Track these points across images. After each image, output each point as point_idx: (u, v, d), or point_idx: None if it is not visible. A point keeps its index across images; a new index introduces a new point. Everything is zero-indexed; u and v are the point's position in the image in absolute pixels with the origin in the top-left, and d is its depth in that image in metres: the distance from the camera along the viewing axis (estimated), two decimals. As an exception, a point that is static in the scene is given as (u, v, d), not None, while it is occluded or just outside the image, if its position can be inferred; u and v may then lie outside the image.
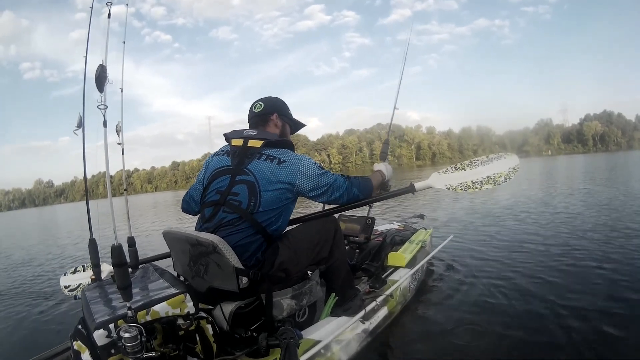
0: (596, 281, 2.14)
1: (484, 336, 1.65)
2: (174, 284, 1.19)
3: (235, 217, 1.33)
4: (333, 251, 1.51)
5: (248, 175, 1.37)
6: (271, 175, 1.35)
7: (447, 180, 1.70)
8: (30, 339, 2.26)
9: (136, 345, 0.94)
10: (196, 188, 1.58)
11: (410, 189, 1.70)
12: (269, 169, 1.36)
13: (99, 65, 1.11)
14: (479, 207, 5.71)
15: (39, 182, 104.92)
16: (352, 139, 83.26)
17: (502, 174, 1.65)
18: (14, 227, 16.94)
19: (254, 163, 1.39)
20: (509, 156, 1.70)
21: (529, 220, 4.27)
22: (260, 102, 1.60)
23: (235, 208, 1.34)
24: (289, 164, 1.38)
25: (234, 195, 1.36)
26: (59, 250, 6.11)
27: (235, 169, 1.40)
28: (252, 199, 1.34)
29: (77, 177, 15.11)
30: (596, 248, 2.81)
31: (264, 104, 1.58)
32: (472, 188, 1.66)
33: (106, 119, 1.13)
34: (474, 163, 1.72)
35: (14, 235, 11.41)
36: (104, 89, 1.10)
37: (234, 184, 1.38)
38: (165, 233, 1.49)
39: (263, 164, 1.38)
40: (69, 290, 1.95)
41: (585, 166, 16.89)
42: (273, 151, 1.42)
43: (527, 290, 2.10)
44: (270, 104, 1.59)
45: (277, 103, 1.63)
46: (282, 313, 1.33)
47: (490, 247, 3.16)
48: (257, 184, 1.35)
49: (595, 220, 3.90)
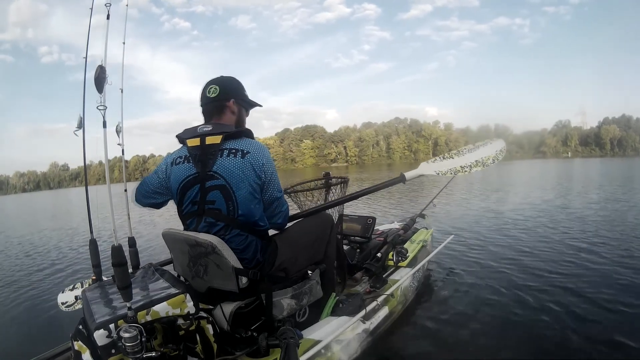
0: (598, 286, 2.13)
1: (485, 336, 1.65)
2: (174, 284, 1.19)
3: (222, 227, 1.28)
4: (327, 249, 1.51)
5: (217, 179, 1.28)
6: (239, 171, 1.27)
7: (437, 167, 1.71)
8: (30, 339, 2.27)
9: (136, 345, 0.94)
10: (152, 179, 1.46)
11: (400, 178, 1.69)
12: (235, 165, 1.28)
13: (98, 66, 1.11)
14: (479, 207, 5.70)
15: (54, 165, 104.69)
16: (369, 132, 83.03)
17: (490, 156, 1.69)
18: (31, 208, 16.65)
19: (219, 162, 1.29)
20: (495, 141, 1.74)
21: (529, 220, 4.26)
22: (214, 85, 1.43)
23: (216, 216, 1.28)
24: (253, 153, 1.30)
25: (211, 204, 1.29)
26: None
27: (202, 175, 1.30)
28: (229, 204, 1.27)
29: (92, 162, 15.17)
30: (602, 253, 2.79)
31: (219, 88, 1.43)
32: (462, 172, 1.68)
33: (106, 120, 1.13)
34: (461, 152, 1.75)
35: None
36: (104, 90, 1.10)
37: (206, 191, 1.29)
38: (165, 234, 1.49)
39: (227, 161, 1.28)
40: (66, 306, 1.91)
41: (602, 170, 16.35)
42: (234, 143, 1.31)
43: (528, 290, 2.09)
44: (226, 88, 1.44)
45: (232, 86, 1.47)
46: (282, 313, 1.32)
47: (491, 247, 3.15)
48: (228, 186, 1.27)
49: (600, 225, 3.86)
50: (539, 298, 1.98)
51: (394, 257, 1.96)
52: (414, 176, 1.71)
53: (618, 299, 1.89)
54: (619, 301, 1.87)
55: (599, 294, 1.96)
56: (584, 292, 1.99)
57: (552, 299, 1.95)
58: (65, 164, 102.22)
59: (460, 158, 1.71)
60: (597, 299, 1.90)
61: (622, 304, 1.83)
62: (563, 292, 2.02)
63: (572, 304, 1.87)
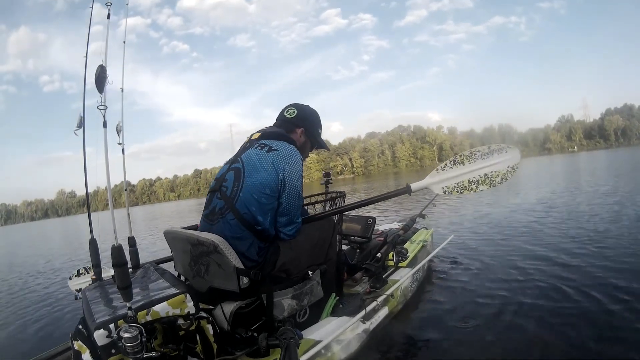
0: (601, 282, 2.11)
1: (485, 336, 1.65)
2: (174, 284, 1.19)
3: (223, 206, 1.35)
4: (328, 251, 1.51)
5: (238, 163, 1.40)
6: (257, 160, 1.35)
7: (444, 182, 1.67)
8: (30, 339, 2.27)
9: (136, 346, 0.94)
10: None
11: (406, 189, 1.67)
12: (257, 155, 1.37)
13: (99, 65, 1.11)
14: (480, 206, 5.70)
15: (61, 193, 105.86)
16: (373, 142, 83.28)
17: (500, 173, 1.62)
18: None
19: (248, 152, 1.41)
20: (510, 150, 1.63)
21: (530, 220, 4.26)
22: (294, 108, 1.55)
23: (222, 195, 1.37)
24: (280, 153, 1.36)
25: (224, 182, 1.39)
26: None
27: (234, 159, 1.44)
28: (235, 185, 1.35)
29: (100, 187, 15.08)
30: (603, 248, 2.77)
31: (297, 112, 1.54)
32: (468, 189, 1.64)
33: (106, 120, 1.13)
34: (474, 155, 1.66)
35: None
36: (104, 90, 1.10)
37: (227, 172, 1.42)
38: (166, 233, 1.49)
39: (253, 152, 1.39)
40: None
41: (607, 161, 16.13)
42: (268, 141, 1.42)
43: (528, 290, 2.09)
44: (302, 116, 1.55)
45: (309, 118, 1.57)
46: (283, 313, 1.32)
47: (491, 247, 3.15)
48: (242, 169, 1.36)
49: (606, 219, 3.81)
50: (541, 298, 1.97)
51: (394, 257, 1.96)
52: (419, 188, 1.69)
53: (617, 292, 1.88)
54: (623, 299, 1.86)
55: (607, 294, 1.93)
56: (594, 298, 1.93)
57: (554, 298, 1.94)
58: (72, 191, 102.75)
59: (472, 165, 1.65)
60: (605, 301, 1.87)
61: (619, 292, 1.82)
62: (567, 292, 2.01)
63: (575, 305, 1.86)
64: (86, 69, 1.46)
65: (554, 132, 77.66)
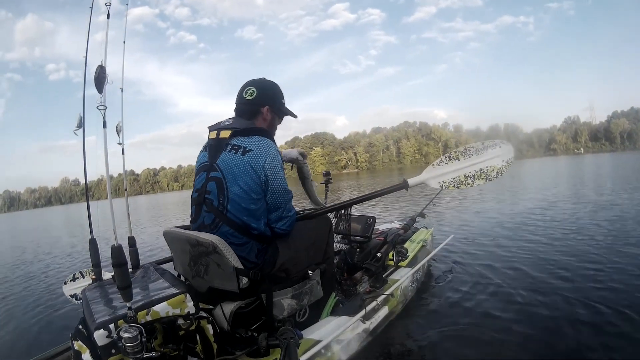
0: (600, 285, 2.11)
1: (485, 336, 1.65)
2: (174, 284, 1.19)
3: (214, 219, 1.31)
4: (327, 250, 1.51)
5: (217, 171, 1.32)
6: (235, 167, 1.28)
7: (440, 177, 1.70)
8: (31, 339, 2.27)
9: (136, 346, 0.94)
10: None
11: (403, 185, 1.69)
12: (233, 160, 1.29)
13: (98, 65, 1.11)
14: (480, 206, 5.70)
15: (65, 181, 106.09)
16: (378, 137, 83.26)
17: (495, 167, 1.65)
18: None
19: (222, 156, 1.32)
20: (504, 146, 1.68)
21: (531, 220, 4.26)
22: (252, 87, 1.43)
23: (210, 207, 1.31)
24: (255, 152, 1.29)
25: (208, 194, 1.33)
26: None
27: (210, 165, 1.35)
28: (220, 197, 1.30)
29: (103, 177, 15.40)
30: (603, 252, 2.77)
31: (256, 91, 1.42)
32: (464, 184, 1.67)
33: (106, 120, 1.13)
34: (468, 151, 1.71)
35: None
36: (104, 90, 1.09)
37: (208, 181, 1.34)
38: (166, 233, 1.49)
39: (228, 157, 1.31)
40: (76, 299, 1.95)
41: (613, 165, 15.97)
42: (240, 140, 1.33)
43: (529, 290, 2.09)
44: (263, 93, 1.43)
45: (271, 92, 1.47)
46: (283, 313, 1.32)
47: (491, 246, 3.15)
48: (224, 180, 1.29)
49: (601, 225, 3.83)
50: (541, 297, 1.97)
51: (394, 256, 1.96)
52: (416, 183, 1.71)
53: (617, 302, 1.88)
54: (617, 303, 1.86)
55: (605, 299, 1.93)
56: (596, 301, 1.90)
57: (555, 298, 1.94)
58: (76, 179, 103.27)
59: (467, 160, 1.69)
60: (604, 304, 1.86)
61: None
62: (567, 293, 2.01)
63: (575, 304, 1.86)
64: (86, 69, 1.46)
65: (560, 133, 77.57)
